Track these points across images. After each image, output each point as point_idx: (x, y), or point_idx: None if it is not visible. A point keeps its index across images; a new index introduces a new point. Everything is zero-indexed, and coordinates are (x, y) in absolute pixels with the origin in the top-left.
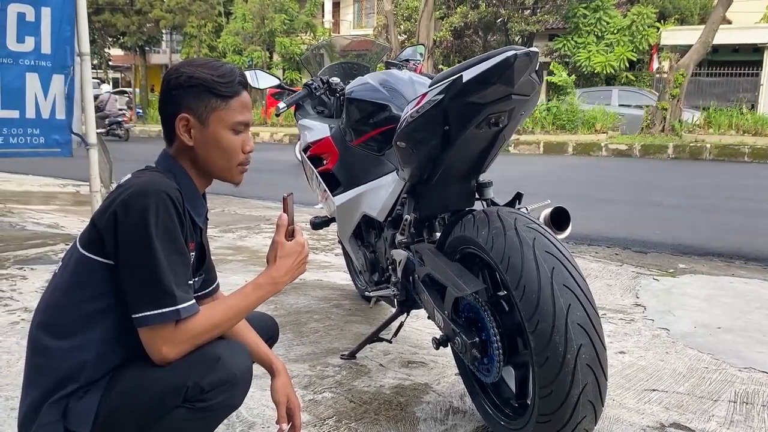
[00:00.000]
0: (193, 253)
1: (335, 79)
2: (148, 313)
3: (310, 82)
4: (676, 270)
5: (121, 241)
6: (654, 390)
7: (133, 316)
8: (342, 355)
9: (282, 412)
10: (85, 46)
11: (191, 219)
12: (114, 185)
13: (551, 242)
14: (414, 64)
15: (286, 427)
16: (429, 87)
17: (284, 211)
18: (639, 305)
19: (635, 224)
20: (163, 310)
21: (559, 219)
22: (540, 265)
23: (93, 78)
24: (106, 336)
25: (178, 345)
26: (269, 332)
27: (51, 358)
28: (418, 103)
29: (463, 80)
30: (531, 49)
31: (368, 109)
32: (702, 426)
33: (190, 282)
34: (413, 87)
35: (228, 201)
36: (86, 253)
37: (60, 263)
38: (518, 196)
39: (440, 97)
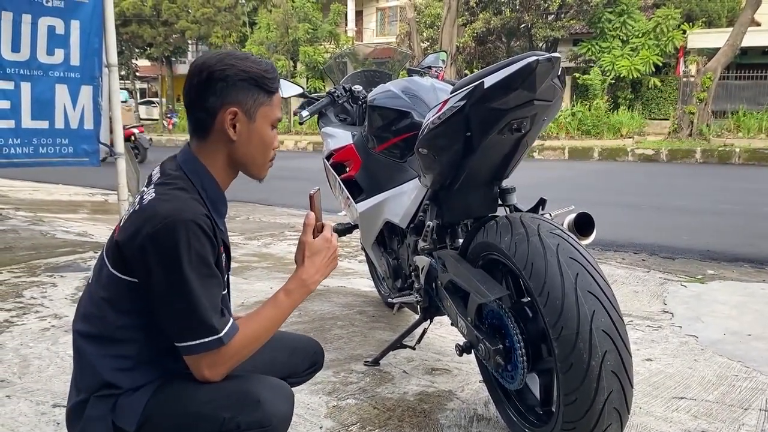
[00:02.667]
0: (224, 255)
1: (357, 87)
2: (191, 343)
3: (333, 90)
4: (704, 276)
5: (154, 277)
6: (682, 398)
7: (175, 344)
8: (365, 361)
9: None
10: (113, 58)
11: (215, 224)
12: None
13: (575, 248)
14: (436, 71)
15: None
16: (450, 93)
17: (311, 209)
18: (666, 312)
19: (662, 230)
20: (205, 340)
21: (583, 225)
22: (564, 271)
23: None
24: (144, 346)
25: (221, 366)
26: (313, 359)
27: (93, 365)
28: (439, 109)
29: (485, 86)
30: (553, 54)
31: (390, 117)
32: None
33: (224, 294)
34: (435, 94)
35: (253, 209)
36: (115, 272)
37: (92, 272)
38: (542, 202)
39: (462, 103)
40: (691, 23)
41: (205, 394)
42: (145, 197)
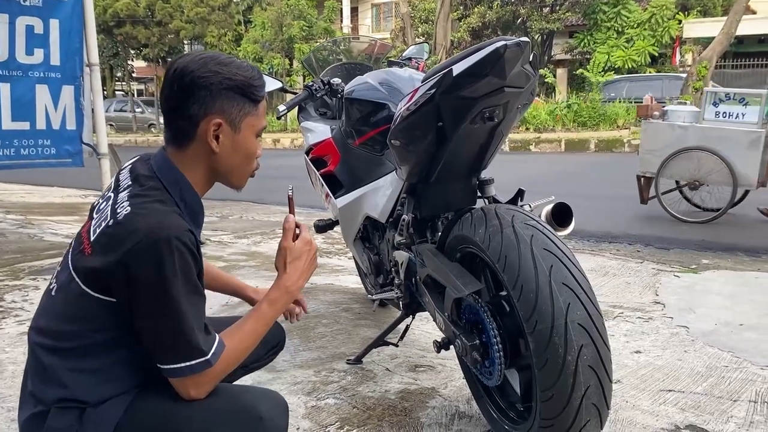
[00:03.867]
0: None
1: (337, 80)
2: (176, 366)
3: (311, 83)
4: (699, 266)
5: (137, 297)
6: (670, 390)
7: (158, 365)
8: (348, 359)
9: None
10: (94, 57)
11: (197, 238)
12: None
13: (550, 239)
14: (417, 62)
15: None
16: (421, 82)
17: (290, 212)
18: (658, 303)
19: (658, 221)
20: (193, 362)
21: (561, 215)
22: (538, 263)
23: (117, 91)
24: (119, 362)
25: (206, 385)
26: (275, 339)
27: (59, 378)
28: (410, 99)
29: (453, 74)
30: (522, 39)
31: (367, 109)
32: (719, 428)
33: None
34: (413, 85)
35: (248, 207)
36: (89, 291)
37: (54, 281)
38: (520, 193)
39: (431, 92)
40: (686, 12)
41: (197, 412)
42: (119, 210)
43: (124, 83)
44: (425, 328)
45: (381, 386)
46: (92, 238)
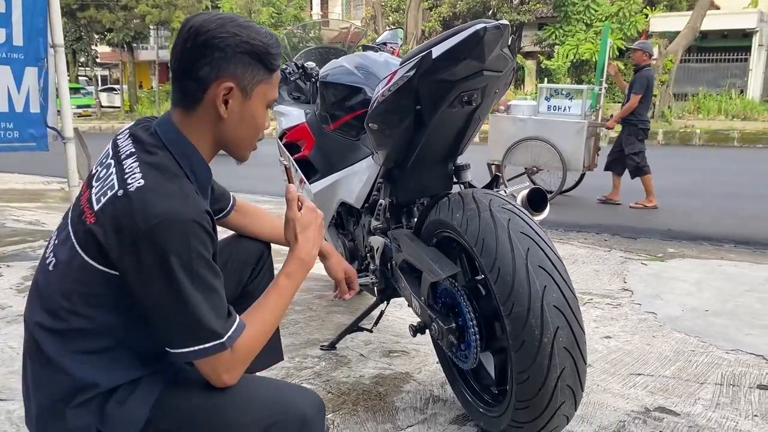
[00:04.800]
0: None
1: (311, 64)
2: (188, 350)
3: (284, 66)
4: (665, 254)
5: (149, 279)
6: (639, 374)
7: (169, 350)
8: (322, 345)
9: (343, 286)
10: (59, 38)
11: (212, 216)
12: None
13: (526, 223)
14: (392, 47)
15: (348, 296)
16: (400, 65)
17: (289, 181)
18: (626, 290)
19: (625, 210)
20: (206, 345)
21: (536, 200)
22: (515, 247)
23: (81, 76)
24: (124, 343)
25: (237, 367)
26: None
27: (62, 363)
28: (388, 81)
29: (433, 56)
30: (501, 21)
31: (343, 93)
32: (687, 409)
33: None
34: (388, 69)
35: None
36: (93, 263)
37: (51, 256)
38: (496, 179)
39: (411, 74)
40: (653, 7)
41: (240, 411)
42: (129, 181)
43: (87, 69)
44: (399, 314)
45: (355, 372)
46: (96, 207)
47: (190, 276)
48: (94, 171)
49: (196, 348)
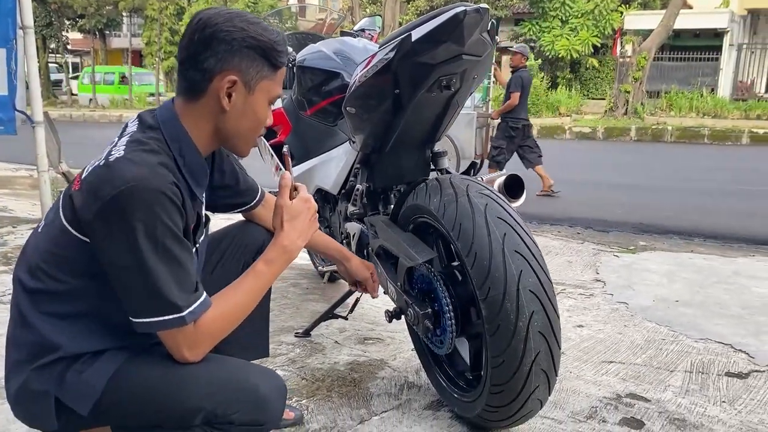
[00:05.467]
0: (201, 227)
1: (288, 49)
2: (148, 320)
3: None
4: (636, 247)
5: (113, 246)
6: (611, 362)
7: (132, 320)
8: (296, 333)
9: (371, 283)
10: (28, 19)
11: (191, 194)
12: (63, 164)
13: (503, 208)
14: (370, 34)
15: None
16: (379, 47)
17: (286, 168)
18: (599, 281)
19: (597, 204)
20: (165, 317)
21: (513, 187)
22: (491, 231)
23: (51, 63)
24: (94, 311)
25: (200, 345)
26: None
27: (32, 323)
28: (367, 64)
29: (412, 39)
30: (481, 5)
31: (320, 78)
32: (658, 396)
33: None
34: (367, 55)
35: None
36: (69, 228)
37: (43, 221)
38: (473, 165)
39: (390, 56)
40: (627, 5)
41: (195, 385)
42: (113, 153)
43: (58, 55)
44: (374, 302)
45: (330, 358)
46: (83, 176)
47: (154, 245)
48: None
49: (156, 319)
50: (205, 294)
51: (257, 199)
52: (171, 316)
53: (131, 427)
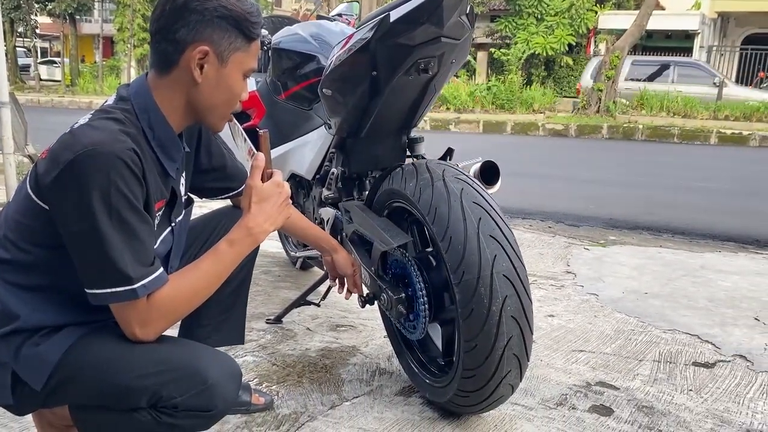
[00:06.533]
0: (161, 211)
1: (263, 32)
2: (100, 291)
3: None
4: (606, 241)
5: (66, 211)
6: (581, 351)
7: (86, 291)
8: (267, 319)
9: (352, 281)
10: None
11: (162, 169)
12: (30, 147)
13: (479, 193)
14: (347, 19)
15: (354, 292)
16: (357, 28)
17: (260, 150)
18: (570, 272)
19: (569, 200)
20: (117, 290)
21: (489, 173)
22: (467, 216)
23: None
24: (56, 286)
25: (152, 323)
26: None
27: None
28: (344, 45)
29: (391, 19)
30: None
31: (296, 61)
32: (627, 384)
33: (155, 248)
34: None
35: None
36: (35, 198)
37: (15, 191)
38: (449, 152)
39: (368, 36)
40: (602, 5)
41: (142, 364)
42: (79, 122)
43: (26, 39)
44: None
45: (301, 345)
46: (52, 145)
47: (108, 211)
48: None
49: (108, 290)
50: (161, 270)
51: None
52: (122, 288)
53: (84, 406)
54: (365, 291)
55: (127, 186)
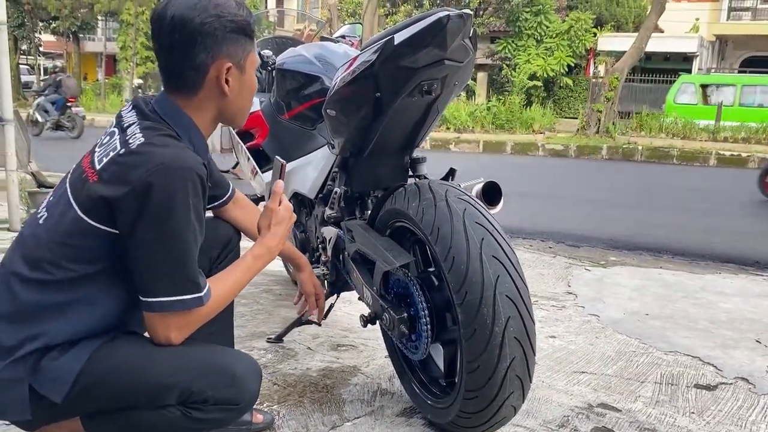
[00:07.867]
0: None
1: (267, 52)
2: (167, 299)
3: None
4: (607, 262)
5: (147, 223)
6: (583, 372)
7: (144, 299)
8: (268, 338)
9: (311, 301)
10: (1, 14)
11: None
12: (33, 164)
13: (481, 213)
14: (350, 41)
15: (315, 313)
16: (361, 50)
17: (281, 177)
18: (570, 293)
19: (569, 220)
20: (185, 297)
21: (491, 194)
22: (469, 236)
23: (22, 64)
24: (89, 299)
25: (188, 328)
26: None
27: (24, 310)
28: (348, 67)
29: (395, 42)
30: (464, 11)
31: (300, 81)
32: (629, 406)
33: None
34: (347, 60)
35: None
36: (88, 220)
37: (43, 211)
38: (451, 172)
39: (372, 59)
40: (600, 27)
41: (173, 363)
42: (131, 141)
43: (30, 57)
44: (347, 309)
45: (302, 364)
46: (98, 167)
47: (187, 222)
48: (98, 140)
49: (174, 298)
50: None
51: (228, 195)
52: (191, 296)
53: (105, 411)
54: (321, 318)
55: (198, 198)
